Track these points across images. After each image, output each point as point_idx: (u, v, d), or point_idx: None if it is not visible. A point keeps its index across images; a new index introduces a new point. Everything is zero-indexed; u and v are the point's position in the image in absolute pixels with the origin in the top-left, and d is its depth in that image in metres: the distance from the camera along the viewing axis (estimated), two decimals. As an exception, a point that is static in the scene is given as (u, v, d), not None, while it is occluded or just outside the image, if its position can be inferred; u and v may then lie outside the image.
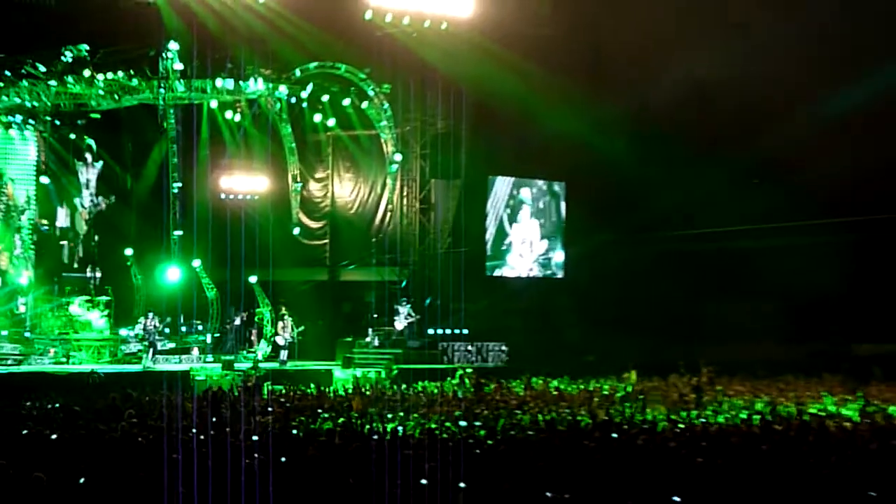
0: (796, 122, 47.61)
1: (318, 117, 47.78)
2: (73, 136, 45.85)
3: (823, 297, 50.05)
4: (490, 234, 51.35)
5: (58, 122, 45.52)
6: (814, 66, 47.03)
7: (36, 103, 44.44)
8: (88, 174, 45.94)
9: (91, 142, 45.98)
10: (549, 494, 14.35)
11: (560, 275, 53.47)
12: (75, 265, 45.42)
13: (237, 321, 46.06)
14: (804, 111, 48.05)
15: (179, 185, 45.10)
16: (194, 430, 19.10)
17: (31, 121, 45.10)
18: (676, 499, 13.89)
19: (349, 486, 15.32)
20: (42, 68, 43.22)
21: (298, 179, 48.96)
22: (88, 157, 46.00)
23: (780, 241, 50.04)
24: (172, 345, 43.78)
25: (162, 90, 43.91)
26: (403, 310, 46.40)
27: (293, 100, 46.72)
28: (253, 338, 45.66)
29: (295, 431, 21.65)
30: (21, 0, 40.93)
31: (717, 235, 51.02)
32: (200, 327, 45.24)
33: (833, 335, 49.54)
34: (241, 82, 44.84)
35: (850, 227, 50.10)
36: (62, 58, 43.01)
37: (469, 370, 39.80)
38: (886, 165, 47.47)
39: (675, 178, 49.49)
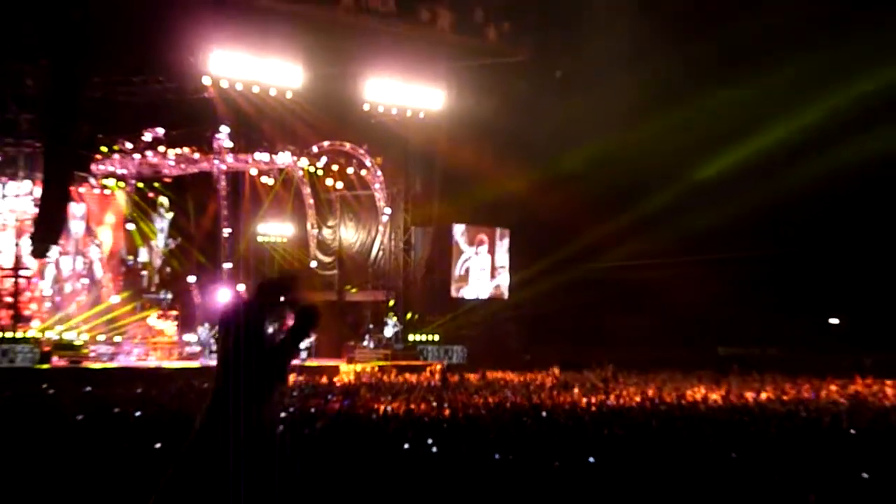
0: (679, 181, 48.22)
1: (329, 181, 47.81)
2: (151, 194, 45.80)
3: (696, 312, 50.34)
4: (454, 266, 51.38)
5: (140, 185, 45.46)
6: (692, 140, 47.69)
7: (124, 171, 44.53)
8: (162, 223, 45.78)
9: (164, 199, 45.93)
10: (497, 456, 14.37)
11: (506, 296, 53.48)
12: (153, 289, 45.15)
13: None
14: (684, 174, 48.69)
15: (229, 230, 45.12)
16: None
17: (121, 183, 45.04)
18: (591, 459, 13.90)
19: (349, 449, 15.31)
20: (129, 145, 43.27)
21: (315, 227, 48.92)
22: (162, 210, 45.87)
23: (666, 272, 50.41)
24: (223, 347, 43.48)
25: (216, 161, 44.12)
26: (391, 322, 46.44)
27: (312, 168, 46.85)
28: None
29: (312, 410, 21.59)
30: (113, 99, 40.90)
31: (621, 267, 51.28)
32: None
33: (703, 341, 49.72)
34: (273, 155, 45.05)
35: (716, 262, 50.53)
36: (143, 137, 43.14)
37: (439, 366, 39.81)
38: (747, 215, 48.20)
39: (589, 224, 49.75)
